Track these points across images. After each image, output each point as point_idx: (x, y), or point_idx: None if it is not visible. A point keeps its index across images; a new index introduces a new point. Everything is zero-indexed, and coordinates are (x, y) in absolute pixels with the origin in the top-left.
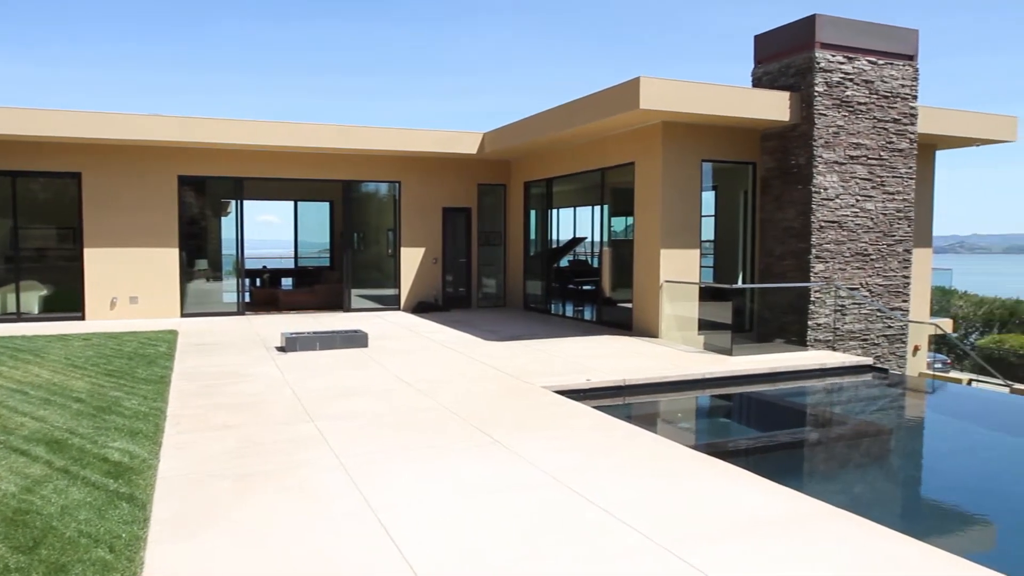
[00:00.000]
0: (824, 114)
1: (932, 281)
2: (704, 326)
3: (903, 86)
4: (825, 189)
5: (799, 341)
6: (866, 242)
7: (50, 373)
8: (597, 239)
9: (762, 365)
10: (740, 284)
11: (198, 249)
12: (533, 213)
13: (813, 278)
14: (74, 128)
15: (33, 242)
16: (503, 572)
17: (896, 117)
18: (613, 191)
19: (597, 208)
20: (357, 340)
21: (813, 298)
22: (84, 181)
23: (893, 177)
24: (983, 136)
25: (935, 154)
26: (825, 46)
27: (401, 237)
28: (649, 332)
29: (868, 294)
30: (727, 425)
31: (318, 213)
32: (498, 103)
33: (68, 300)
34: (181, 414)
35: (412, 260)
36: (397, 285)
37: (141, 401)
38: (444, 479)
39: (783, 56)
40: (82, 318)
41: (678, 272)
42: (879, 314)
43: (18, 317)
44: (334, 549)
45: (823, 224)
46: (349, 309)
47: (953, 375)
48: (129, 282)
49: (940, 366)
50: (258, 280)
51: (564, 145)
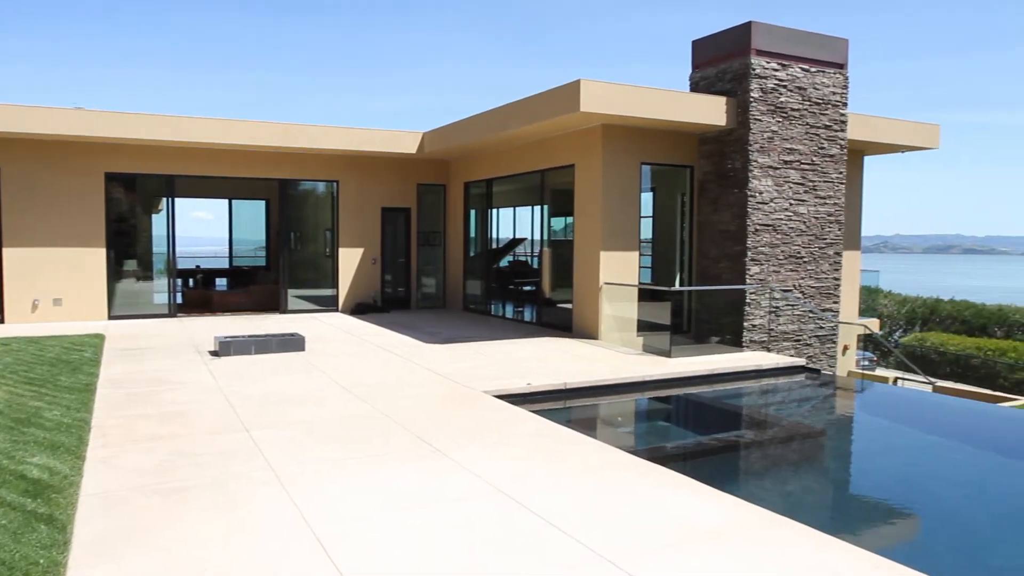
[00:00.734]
0: (759, 119)
1: (860, 282)
2: (643, 327)
3: (834, 93)
4: (760, 193)
5: (735, 342)
6: (799, 245)
7: None
8: (538, 239)
9: (700, 367)
10: (678, 286)
11: (127, 248)
12: (473, 213)
13: (749, 280)
14: None
15: None
16: None
17: (827, 123)
18: (553, 192)
19: (537, 208)
20: (294, 344)
21: (748, 300)
22: (2, 177)
23: (824, 182)
24: (909, 143)
25: (863, 159)
26: (760, 53)
27: (339, 237)
28: (589, 333)
29: (801, 296)
30: (667, 429)
31: (254, 211)
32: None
33: None
34: (107, 425)
35: (350, 260)
36: (335, 286)
37: (64, 412)
38: (384, 491)
39: (720, 61)
40: (0, 321)
41: (618, 274)
42: (811, 315)
43: None
44: (269, 571)
45: (758, 227)
46: (286, 310)
47: (880, 373)
48: (52, 283)
49: (866, 363)
50: (191, 280)
51: (504, 146)
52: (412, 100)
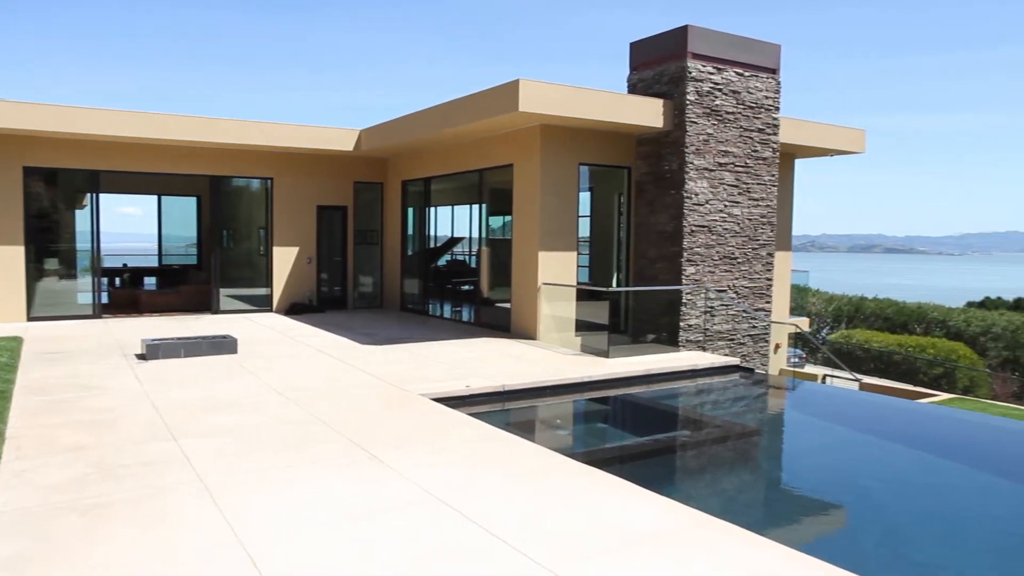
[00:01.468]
0: (695, 122)
1: (791, 281)
2: (581, 327)
3: (767, 98)
4: (696, 194)
5: (672, 342)
6: (733, 246)
7: None
8: (476, 238)
9: (638, 367)
10: (615, 286)
11: (48, 245)
12: (411, 212)
13: (685, 280)
14: None
15: None
16: None
17: (760, 127)
18: (492, 191)
19: (475, 207)
20: (226, 346)
21: (684, 300)
22: None
23: (758, 184)
24: (837, 147)
25: (794, 162)
26: (696, 56)
27: (274, 235)
28: (527, 334)
29: (735, 296)
30: (606, 431)
31: (185, 208)
32: (375, 100)
33: None
34: (23, 435)
35: (285, 259)
36: (269, 285)
37: None
38: (320, 501)
39: (657, 64)
40: None
41: (556, 274)
42: (745, 315)
43: None
44: None
45: (694, 228)
46: (218, 311)
47: (809, 370)
48: None
49: (796, 360)
50: (117, 279)
51: (443, 144)
52: (350, 98)
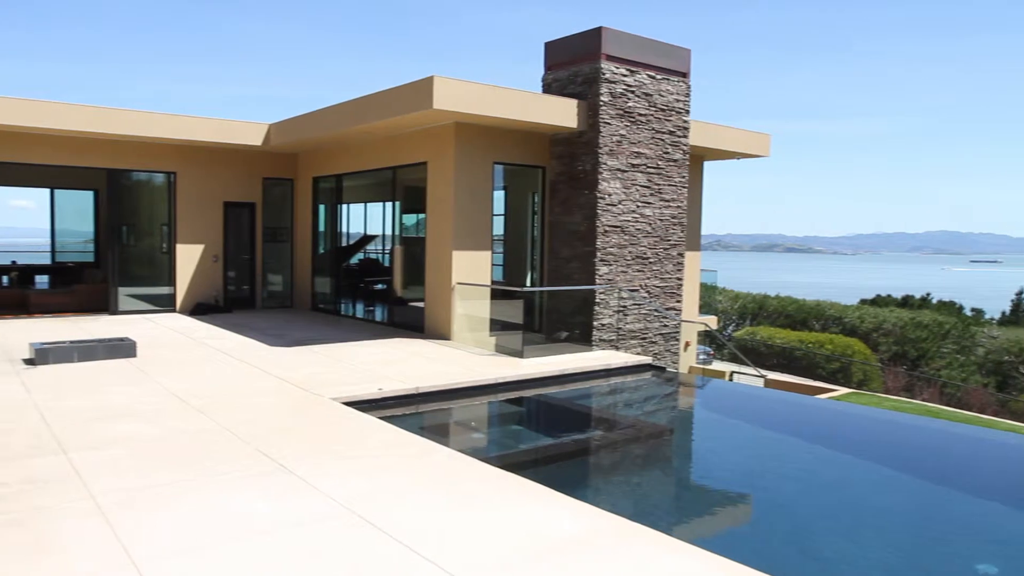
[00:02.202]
0: (609, 123)
1: (700, 280)
2: (496, 327)
3: (678, 100)
4: (609, 195)
5: (585, 341)
6: (645, 246)
7: None
8: (390, 236)
9: (552, 367)
10: (530, 286)
11: None
12: (322, 209)
13: (598, 280)
14: None
15: None
16: None
17: (672, 129)
18: (405, 189)
19: (389, 205)
20: (123, 349)
21: (598, 299)
22: None
23: (669, 185)
24: (744, 151)
25: (703, 164)
26: (610, 58)
27: (177, 232)
28: (441, 334)
29: (647, 295)
30: (521, 432)
31: (81, 202)
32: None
33: None
34: None
35: (190, 257)
36: (172, 284)
37: None
38: (224, 517)
39: (572, 64)
40: None
41: (470, 273)
42: (656, 314)
43: None
44: None
45: (607, 228)
46: (116, 311)
47: (718, 367)
48: None
49: (704, 357)
50: (4, 278)
51: (355, 141)
52: (261, 91)
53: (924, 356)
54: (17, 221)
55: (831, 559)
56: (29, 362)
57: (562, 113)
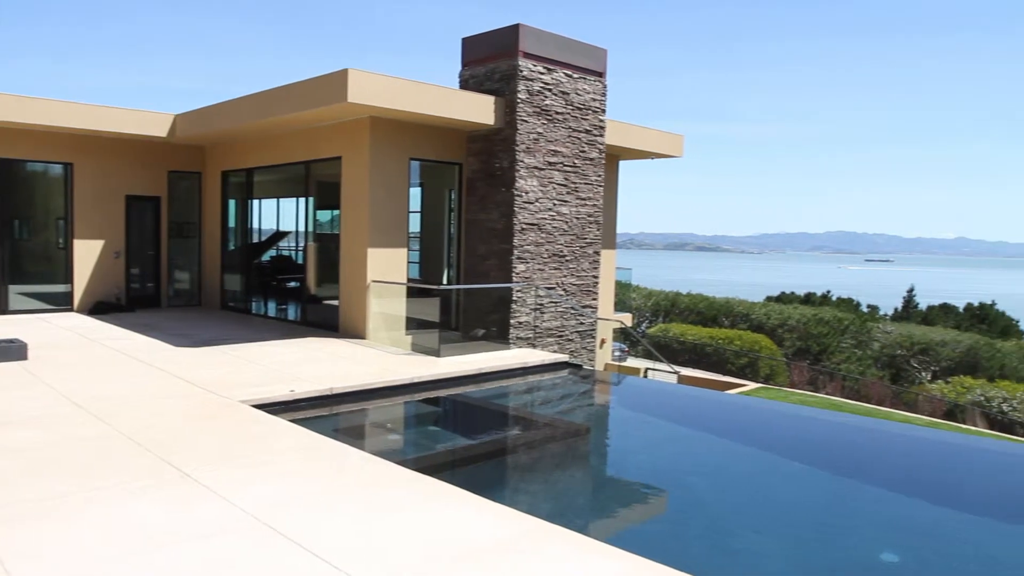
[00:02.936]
0: (526, 120)
1: (615, 278)
2: (412, 325)
3: (594, 100)
4: (526, 193)
5: (502, 339)
6: (562, 244)
7: None
8: (303, 232)
9: (469, 366)
10: (446, 284)
11: None
12: (233, 204)
13: (515, 278)
14: None
15: None
16: None
17: (588, 128)
18: (319, 184)
19: (302, 201)
20: (13, 352)
21: (515, 297)
22: None
23: (585, 184)
24: (658, 151)
25: (618, 164)
26: (528, 55)
27: (74, 226)
28: (356, 333)
29: (564, 293)
30: (438, 434)
31: None
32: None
33: None
34: None
35: (89, 253)
36: (70, 282)
37: None
38: (122, 531)
39: (489, 61)
40: None
41: (386, 271)
42: (573, 312)
43: None
44: None
45: (524, 226)
46: (7, 311)
47: (632, 363)
48: None
49: (619, 354)
50: None
51: (267, 134)
52: (168, 82)
53: (825, 351)
54: None
55: (743, 553)
56: None
57: (479, 110)
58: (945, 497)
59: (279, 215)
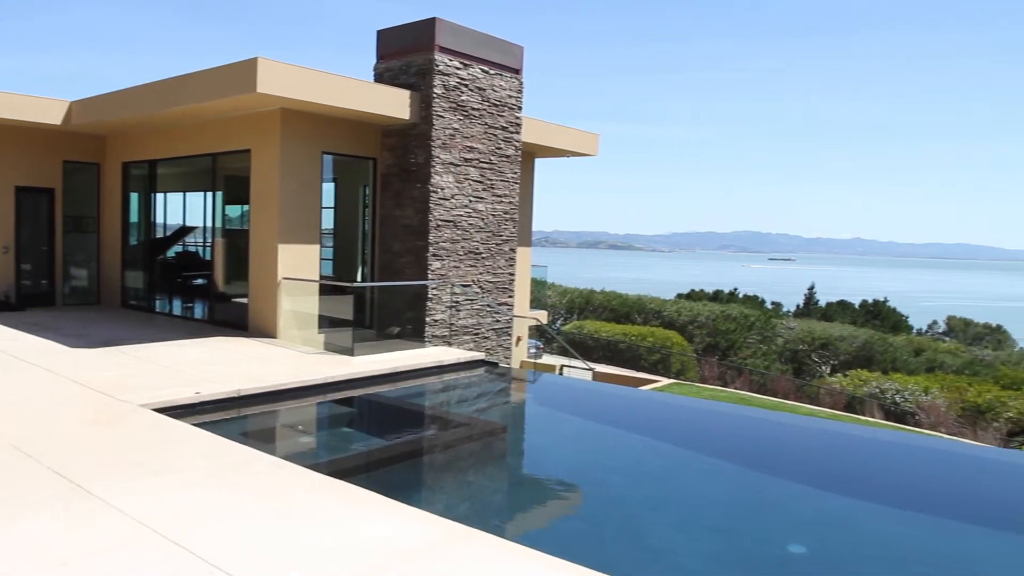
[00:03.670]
0: (442, 116)
1: (531, 275)
2: (325, 324)
3: (511, 96)
4: (442, 189)
5: (418, 337)
6: (478, 241)
7: None
8: (211, 228)
9: (384, 365)
10: (360, 281)
11: None
12: (135, 197)
13: (430, 275)
14: None
15: None
16: None
17: (504, 125)
18: (228, 178)
19: (210, 195)
20: None
21: (430, 295)
22: None
23: (501, 181)
24: (574, 149)
25: (535, 161)
26: (444, 50)
27: None
28: (267, 332)
29: (480, 290)
30: (353, 436)
31: None
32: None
33: None
34: None
35: None
36: None
37: None
38: (12, 549)
39: (405, 54)
40: None
41: (297, 268)
42: (489, 309)
43: None
44: None
45: (440, 223)
46: None
47: (548, 360)
48: None
49: (534, 351)
50: None
51: (171, 124)
52: (62, 66)
53: (733, 347)
54: None
55: (660, 549)
56: None
57: (394, 104)
58: (849, 488)
59: (185, 210)
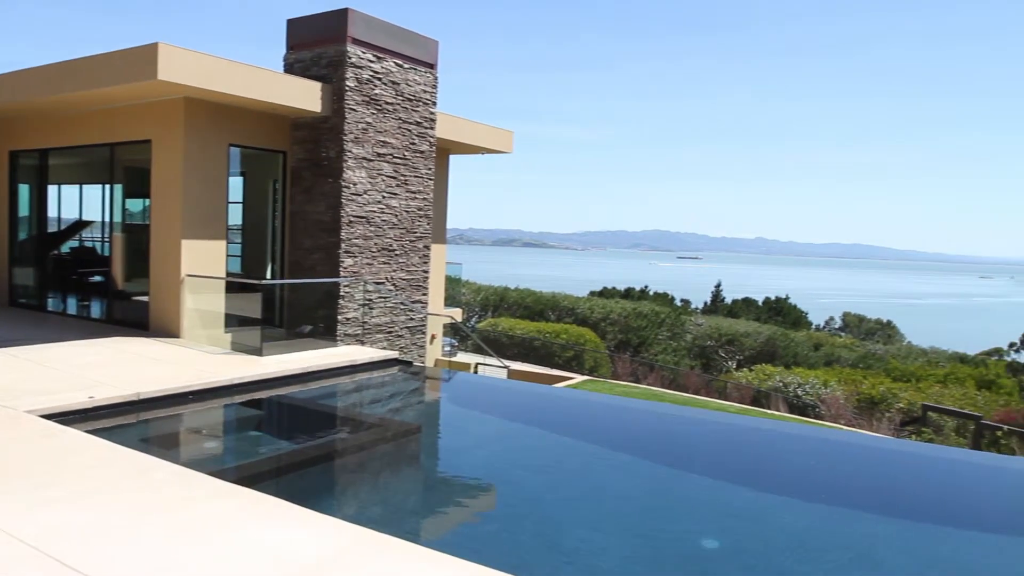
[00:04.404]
0: (355, 109)
1: (446, 273)
2: (232, 323)
3: (425, 91)
4: (354, 184)
5: (330, 335)
6: (391, 238)
7: None
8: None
9: (294, 365)
10: (270, 278)
11: None
12: (25, 189)
13: (343, 273)
14: None
15: None
16: None
17: (419, 120)
18: (128, 170)
19: (108, 187)
20: None
21: (343, 293)
22: None
23: (415, 177)
24: (488, 146)
25: (449, 158)
26: (357, 42)
27: None
28: (170, 331)
29: (393, 288)
30: (260, 439)
31: None
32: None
33: None
34: None
35: None
36: None
37: None
38: None
39: (316, 45)
40: None
41: (202, 264)
42: (402, 307)
43: None
44: None
45: (352, 219)
46: None
47: (463, 358)
48: None
49: (449, 349)
50: None
51: (65, 111)
52: None
53: (644, 343)
54: None
55: (576, 550)
56: None
57: (305, 96)
58: (758, 481)
59: (82, 203)
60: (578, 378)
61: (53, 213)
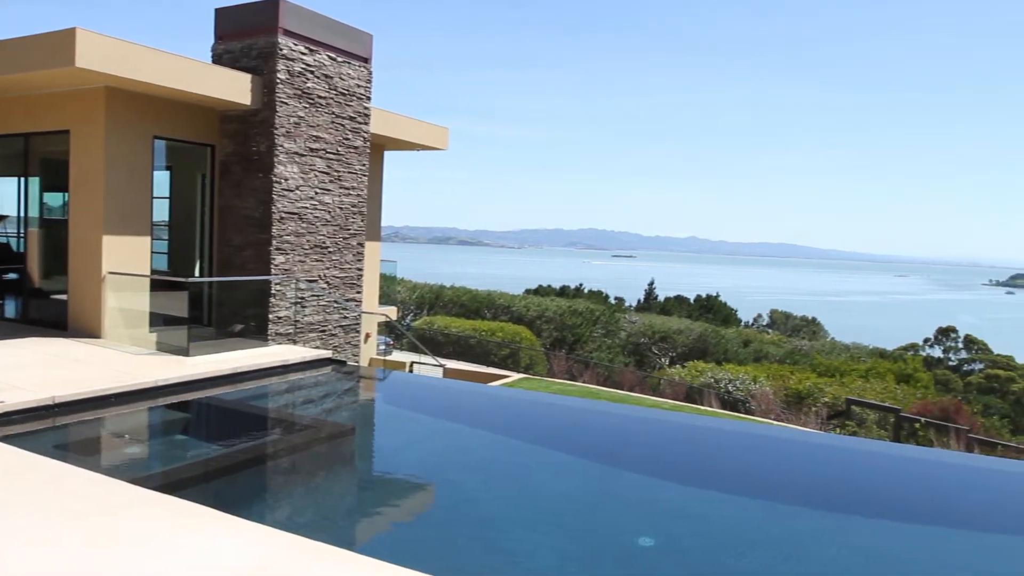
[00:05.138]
0: (286, 103)
1: (380, 271)
2: (158, 322)
3: (359, 86)
4: (286, 179)
5: (260, 335)
6: (324, 235)
7: None
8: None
9: (223, 366)
10: (198, 275)
11: None
12: None
13: (274, 270)
14: None
15: None
16: None
17: (352, 115)
18: (45, 162)
19: (23, 180)
20: None
21: (274, 291)
22: None
23: (349, 173)
24: (424, 143)
25: (384, 154)
26: (288, 33)
27: None
28: (90, 331)
29: (326, 286)
30: (186, 444)
31: None
32: None
33: None
34: None
35: None
36: None
37: None
38: None
39: (246, 36)
40: None
41: (125, 261)
42: (336, 305)
43: None
44: None
45: (284, 215)
46: None
47: (398, 357)
48: None
49: (384, 347)
50: None
51: None
52: None
53: (579, 340)
54: None
55: (514, 551)
56: None
57: (234, 88)
58: (692, 477)
59: None
60: (514, 376)
61: None
